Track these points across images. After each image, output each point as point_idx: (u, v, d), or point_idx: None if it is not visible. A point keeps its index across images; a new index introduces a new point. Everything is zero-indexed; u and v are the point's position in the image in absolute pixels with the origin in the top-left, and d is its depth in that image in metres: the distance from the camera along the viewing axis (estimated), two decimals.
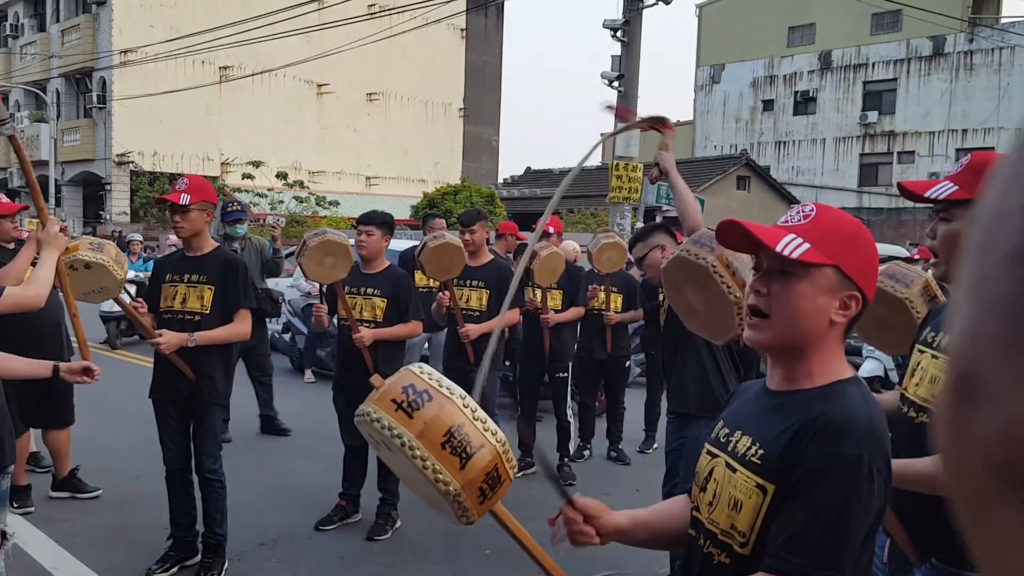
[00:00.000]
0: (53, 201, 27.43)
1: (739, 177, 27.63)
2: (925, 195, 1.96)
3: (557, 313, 5.64)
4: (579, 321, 5.98)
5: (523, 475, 5.25)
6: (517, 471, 1.52)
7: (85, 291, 3.73)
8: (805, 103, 34.02)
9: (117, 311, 10.05)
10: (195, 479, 3.98)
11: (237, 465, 4.80)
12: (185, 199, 3.73)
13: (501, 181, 35.60)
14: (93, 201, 29.43)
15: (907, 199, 2.03)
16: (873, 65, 31.97)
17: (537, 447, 2.75)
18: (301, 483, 5.39)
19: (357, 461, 4.71)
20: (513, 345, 6.23)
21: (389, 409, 1.38)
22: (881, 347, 3.13)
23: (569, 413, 5.95)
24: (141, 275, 10.75)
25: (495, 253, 6.17)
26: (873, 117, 31.65)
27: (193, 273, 3.84)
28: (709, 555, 1.43)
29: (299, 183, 24.87)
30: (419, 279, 5.83)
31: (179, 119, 27.88)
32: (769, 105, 35.04)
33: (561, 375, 5.82)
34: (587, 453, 6.35)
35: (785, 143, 34.59)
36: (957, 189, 1.89)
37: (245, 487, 4.95)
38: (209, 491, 3.95)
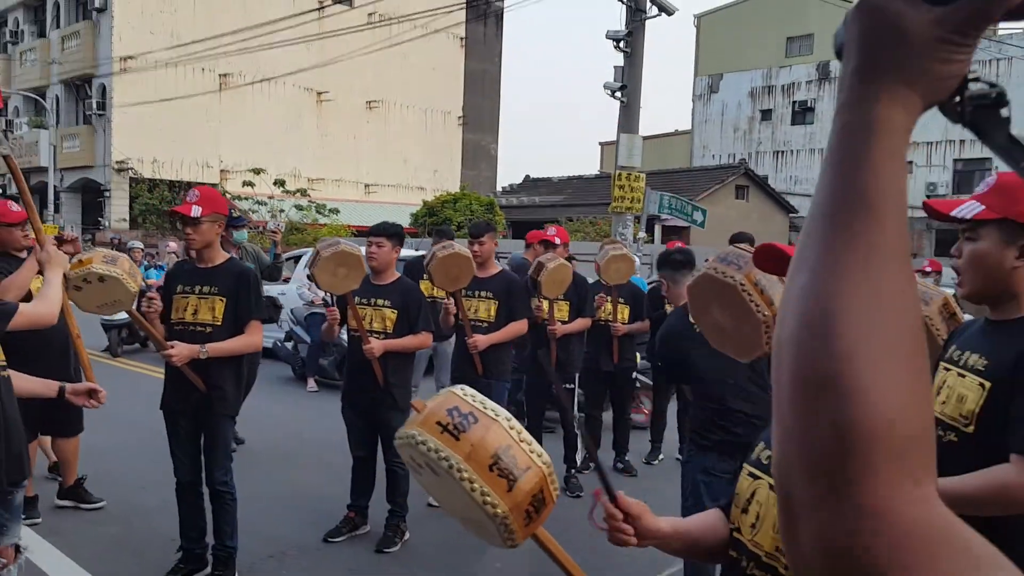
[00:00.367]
0: (52, 208, 27.38)
1: (738, 186, 27.73)
2: (951, 214, 1.96)
3: (564, 324, 5.64)
4: (586, 332, 5.98)
5: None
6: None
7: (98, 304, 3.67)
8: (803, 113, 34.14)
9: (118, 319, 10.03)
10: (205, 491, 3.96)
11: (243, 476, 4.77)
12: (196, 211, 3.70)
13: (500, 189, 35.63)
14: (92, 208, 29.34)
15: (932, 218, 2.04)
16: None
17: (584, 438, 2.77)
18: (308, 494, 5.37)
19: (365, 472, 4.69)
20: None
21: (435, 432, 1.36)
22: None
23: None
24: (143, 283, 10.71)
25: (526, 261, 6.17)
26: None
27: (204, 284, 3.82)
28: None
29: (301, 191, 24.80)
30: (424, 288, 5.82)
31: (179, 126, 27.82)
32: (767, 115, 35.16)
33: (568, 386, 5.81)
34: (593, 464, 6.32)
35: (783, 153, 34.69)
36: (984, 209, 1.90)
37: (252, 498, 4.93)
38: (220, 503, 3.93)
